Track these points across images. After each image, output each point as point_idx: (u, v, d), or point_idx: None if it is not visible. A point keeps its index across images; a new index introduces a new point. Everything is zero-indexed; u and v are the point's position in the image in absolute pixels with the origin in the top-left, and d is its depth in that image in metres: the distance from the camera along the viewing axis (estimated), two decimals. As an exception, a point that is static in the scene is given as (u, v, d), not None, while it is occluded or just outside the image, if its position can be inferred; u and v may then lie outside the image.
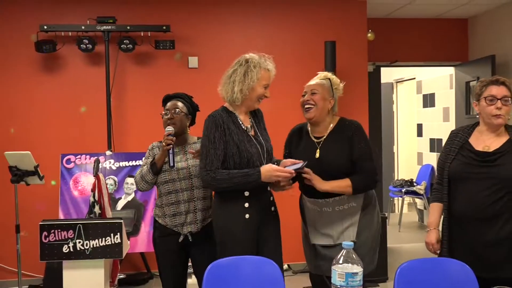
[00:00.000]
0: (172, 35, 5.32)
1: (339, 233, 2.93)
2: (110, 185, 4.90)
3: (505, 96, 2.69)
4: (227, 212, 2.88)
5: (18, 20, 5.24)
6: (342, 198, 2.90)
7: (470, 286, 2.43)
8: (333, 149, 2.92)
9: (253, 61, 2.91)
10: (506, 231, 2.65)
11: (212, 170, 2.79)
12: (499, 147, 2.72)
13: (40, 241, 3.23)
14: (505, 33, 5.93)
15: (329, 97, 2.98)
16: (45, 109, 5.30)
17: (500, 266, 2.64)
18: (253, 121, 3.03)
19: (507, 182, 2.65)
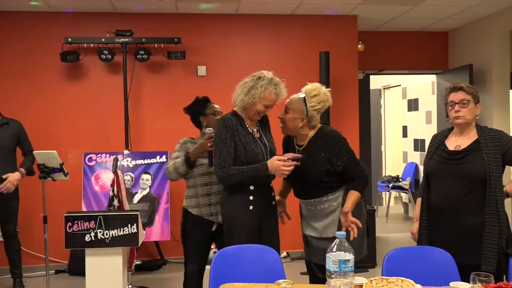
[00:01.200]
0: (183, 46, 5.32)
1: (323, 228, 2.95)
2: (127, 181, 4.90)
3: (462, 100, 2.73)
4: (234, 203, 2.90)
5: (45, 33, 5.25)
6: (320, 199, 2.91)
7: (450, 271, 2.43)
8: (310, 159, 2.88)
9: (263, 81, 2.87)
10: (474, 222, 2.65)
11: (226, 167, 2.82)
12: (467, 146, 2.73)
13: (65, 231, 3.23)
14: (481, 45, 5.92)
15: (300, 116, 2.88)
16: (69, 113, 5.30)
17: (470, 253, 2.64)
18: (259, 125, 3.04)
19: (472, 178, 2.66)
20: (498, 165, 2.63)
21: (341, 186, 2.93)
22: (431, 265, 2.48)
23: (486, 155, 2.65)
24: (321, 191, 2.91)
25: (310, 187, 2.94)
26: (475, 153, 2.69)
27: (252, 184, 2.86)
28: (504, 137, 2.69)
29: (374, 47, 6.34)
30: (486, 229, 2.61)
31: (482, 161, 2.64)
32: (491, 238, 2.60)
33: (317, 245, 2.97)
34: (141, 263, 5.22)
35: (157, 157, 5.02)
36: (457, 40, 6.44)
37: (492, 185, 2.61)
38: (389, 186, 7.53)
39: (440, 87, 6.51)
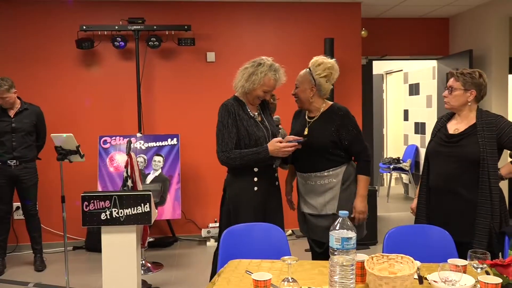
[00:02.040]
0: (192, 33, 5.29)
1: (322, 205, 2.92)
2: (140, 163, 4.92)
3: (450, 86, 2.75)
4: (239, 185, 2.91)
5: (61, 21, 5.24)
6: (322, 174, 2.90)
7: (448, 248, 2.43)
8: (319, 129, 2.91)
9: (262, 66, 2.86)
10: (469, 202, 2.65)
11: (227, 151, 2.81)
12: (464, 130, 2.72)
13: (82, 210, 3.26)
14: (481, 31, 5.83)
15: (309, 87, 2.91)
16: (85, 98, 5.31)
17: (464, 232, 2.63)
18: (260, 109, 3.03)
19: (465, 161, 2.66)
20: (493, 149, 2.61)
21: (343, 163, 2.92)
22: (430, 243, 2.49)
23: (481, 138, 2.63)
24: (324, 164, 2.89)
25: (315, 158, 2.91)
26: (471, 136, 2.67)
27: (256, 166, 2.86)
28: (500, 121, 2.66)
29: (377, 34, 6.27)
30: (479, 210, 2.61)
31: (477, 145, 2.63)
32: (483, 219, 2.60)
33: (315, 223, 2.95)
34: (153, 240, 5.26)
35: (168, 140, 5.03)
36: (457, 26, 6.35)
37: (485, 168, 2.60)
38: (390, 168, 7.51)
39: (440, 72, 6.44)
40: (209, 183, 5.40)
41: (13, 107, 4.46)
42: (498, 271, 1.82)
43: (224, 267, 2.23)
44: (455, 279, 1.75)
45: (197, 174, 5.43)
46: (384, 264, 1.94)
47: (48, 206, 5.18)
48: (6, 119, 4.43)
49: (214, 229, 5.27)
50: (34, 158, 4.60)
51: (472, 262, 1.87)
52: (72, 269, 4.44)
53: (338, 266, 1.78)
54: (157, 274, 4.45)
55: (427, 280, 1.92)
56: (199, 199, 5.47)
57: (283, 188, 3.22)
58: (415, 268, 1.86)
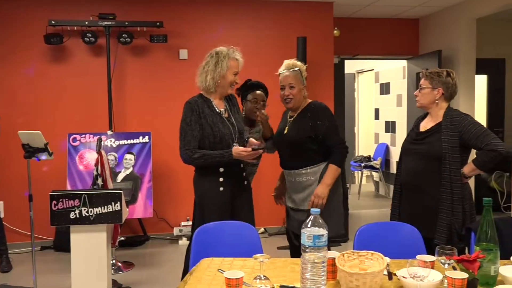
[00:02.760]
0: (165, 30, 5.24)
1: (301, 200, 3.03)
2: (111, 161, 4.85)
3: (420, 85, 2.85)
4: (205, 185, 2.91)
5: (29, 16, 5.11)
6: (300, 171, 2.99)
7: (417, 245, 2.47)
8: (297, 127, 3.01)
9: (222, 53, 2.92)
10: (433, 197, 2.72)
11: (190, 150, 2.82)
12: (429, 128, 2.80)
13: (50, 209, 3.20)
14: (450, 32, 5.97)
15: (302, 86, 3.03)
16: (54, 94, 5.20)
17: (428, 228, 2.70)
18: (227, 105, 3.01)
19: (428, 157, 2.74)
20: (455, 146, 2.68)
21: (322, 161, 2.99)
22: (399, 239, 2.53)
23: (444, 136, 2.70)
24: (303, 162, 2.98)
25: (294, 156, 3.01)
26: (435, 134, 2.75)
27: (222, 167, 2.86)
28: (464, 120, 2.73)
29: (349, 33, 6.34)
30: (440, 206, 2.70)
31: (440, 142, 2.70)
32: (443, 215, 2.68)
33: (293, 216, 3.09)
34: (124, 239, 5.20)
35: (140, 138, 4.97)
36: (427, 27, 6.48)
37: (447, 165, 2.67)
38: (361, 166, 7.62)
39: (410, 72, 6.56)
40: (181, 181, 5.36)
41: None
42: (464, 266, 1.86)
43: (196, 265, 2.22)
44: (424, 275, 1.79)
45: (169, 172, 5.38)
46: (355, 260, 1.97)
47: (15, 205, 5.06)
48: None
49: (186, 227, 5.24)
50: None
51: (439, 258, 1.92)
52: (40, 270, 4.35)
53: (310, 263, 1.79)
54: (128, 274, 4.40)
55: (396, 276, 1.95)
56: (171, 198, 5.43)
57: (259, 185, 3.27)
58: (385, 264, 1.89)
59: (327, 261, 1.87)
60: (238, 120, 3.01)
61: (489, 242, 1.90)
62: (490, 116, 7.03)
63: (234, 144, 2.88)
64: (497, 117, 6.93)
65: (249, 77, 3.64)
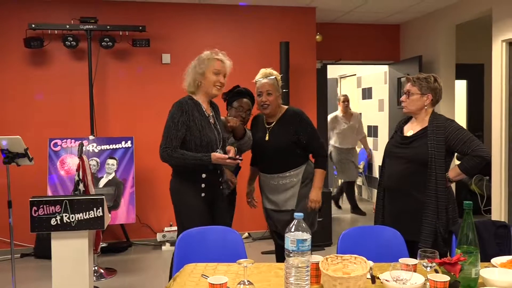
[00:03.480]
0: (147, 34, 5.21)
1: (283, 201, 3.17)
2: (93, 166, 4.80)
3: (407, 91, 2.85)
4: (186, 191, 2.89)
5: (8, 19, 5.03)
6: (284, 174, 3.14)
7: (400, 248, 2.50)
8: (279, 133, 3.14)
9: (204, 55, 2.96)
10: (417, 202, 2.74)
11: (170, 148, 2.79)
12: (416, 132, 2.82)
13: (30, 215, 3.15)
14: (430, 37, 6.06)
15: (278, 94, 3.16)
16: (34, 99, 5.13)
17: (413, 231, 2.72)
18: (213, 113, 3.02)
19: (414, 161, 2.75)
20: (441, 151, 2.71)
21: (303, 163, 3.17)
22: (382, 243, 2.55)
23: (431, 141, 2.73)
24: (286, 165, 3.14)
25: (278, 161, 3.14)
26: (421, 139, 2.77)
27: (204, 172, 2.85)
28: (449, 125, 2.76)
29: (331, 38, 6.39)
30: (425, 210, 2.71)
31: (426, 147, 2.72)
32: (428, 219, 2.70)
33: (278, 217, 3.20)
34: (107, 246, 5.14)
35: (122, 143, 4.93)
36: (408, 33, 6.56)
37: (433, 169, 2.70)
38: (344, 170, 7.64)
39: (392, 77, 6.64)
40: (164, 187, 5.26)
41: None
42: (446, 269, 1.88)
43: (179, 271, 2.20)
44: (406, 278, 1.80)
45: (152, 177, 5.34)
46: (338, 264, 1.98)
47: (-6, 211, 4.96)
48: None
49: (170, 233, 5.21)
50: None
51: (422, 261, 1.94)
52: (20, 278, 4.27)
53: (294, 267, 1.79)
54: (111, 280, 4.35)
55: (380, 279, 1.97)
56: (154, 203, 5.39)
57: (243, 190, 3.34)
58: (368, 268, 1.90)
59: (311, 266, 1.87)
60: (221, 128, 3.03)
61: (469, 245, 1.92)
62: (469, 121, 7.14)
63: (217, 150, 2.88)
64: (477, 121, 7.04)
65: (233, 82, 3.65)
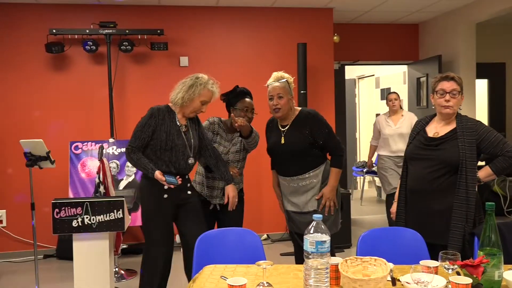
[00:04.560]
0: (165, 37, 5.26)
1: (304, 203, 3.13)
2: (113, 168, 4.85)
3: (453, 90, 2.71)
4: (150, 191, 3.05)
5: (30, 25, 5.13)
6: (303, 176, 3.10)
7: (421, 250, 2.47)
8: (294, 135, 3.11)
9: (201, 80, 3.05)
10: (446, 204, 2.68)
11: (133, 147, 3.02)
12: (444, 134, 2.75)
13: (52, 217, 3.20)
14: (449, 37, 5.98)
15: (290, 97, 3.13)
16: (55, 103, 5.21)
17: (439, 234, 2.67)
18: (189, 123, 3.15)
19: (445, 163, 2.68)
20: (473, 153, 2.65)
21: (321, 163, 3.14)
22: (403, 245, 2.52)
23: (461, 143, 2.66)
24: (305, 167, 3.10)
25: (296, 163, 3.11)
26: (451, 141, 2.71)
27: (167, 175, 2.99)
28: (480, 127, 2.71)
29: (349, 39, 6.36)
30: (454, 213, 2.64)
31: (457, 149, 2.66)
32: (457, 222, 2.63)
33: (299, 219, 3.16)
34: (127, 247, 5.19)
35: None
36: (427, 32, 6.49)
37: (463, 172, 2.63)
38: (363, 171, 7.59)
39: (411, 77, 6.57)
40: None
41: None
42: (468, 271, 1.85)
43: (199, 272, 2.21)
44: (427, 280, 1.78)
45: (171, 179, 5.37)
46: (358, 266, 1.96)
47: (17, 213, 5.05)
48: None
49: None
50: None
51: (443, 263, 1.91)
52: (43, 278, 4.34)
53: (313, 269, 1.78)
54: (131, 282, 4.38)
55: (400, 281, 1.94)
56: (173, 205, 5.41)
57: (262, 193, 3.28)
58: (388, 270, 1.88)
59: (330, 267, 1.86)
60: (195, 138, 3.14)
61: (492, 247, 1.89)
62: (491, 120, 7.03)
63: (190, 158, 3.06)
64: (498, 121, 6.93)
65: (251, 84, 3.65)
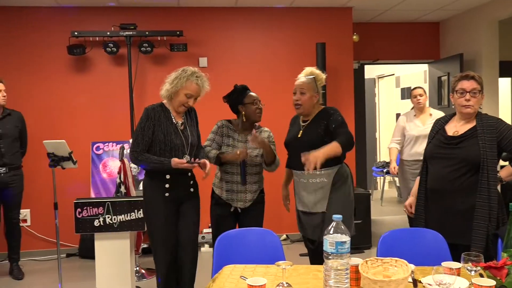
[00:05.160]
0: (184, 39, 5.29)
1: (313, 203, 3.02)
2: (133, 168, 4.90)
3: (474, 89, 2.68)
4: (152, 189, 3.03)
5: (52, 27, 5.21)
6: (314, 172, 2.89)
7: (442, 251, 2.43)
8: (312, 131, 3.05)
9: (186, 72, 3.02)
10: (466, 204, 2.64)
11: (137, 151, 2.96)
12: (464, 132, 2.71)
13: (74, 217, 3.25)
14: (471, 35, 5.88)
15: (314, 93, 3.08)
16: (77, 104, 5.29)
17: (461, 234, 2.63)
18: (186, 119, 3.12)
19: (465, 162, 2.64)
20: (493, 152, 2.61)
21: (335, 164, 3.01)
22: (424, 246, 2.49)
23: (482, 141, 2.62)
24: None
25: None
26: (471, 139, 2.66)
27: (168, 173, 2.97)
28: (500, 124, 2.66)
29: (368, 38, 6.31)
30: (477, 212, 2.60)
31: (477, 147, 2.62)
32: (480, 221, 2.58)
33: (307, 221, 3.07)
34: (147, 246, 5.23)
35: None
36: (448, 30, 6.40)
37: (485, 171, 2.59)
38: (383, 171, 7.53)
39: (431, 76, 6.48)
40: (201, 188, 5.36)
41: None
42: (491, 273, 1.82)
43: (218, 272, 2.22)
44: (449, 282, 1.75)
45: (190, 179, 5.41)
46: (378, 267, 1.94)
47: (41, 213, 5.14)
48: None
49: (208, 234, 5.25)
50: (21, 165, 4.57)
51: (466, 264, 1.88)
52: (66, 277, 4.40)
53: (333, 270, 1.78)
54: (151, 281, 4.42)
55: (422, 283, 1.92)
56: (192, 205, 5.44)
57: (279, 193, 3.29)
58: (409, 271, 1.86)
59: (350, 268, 1.85)
60: (193, 134, 3.11)
61: (516, 248, 1.85)
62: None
63: (185, 155, 3.01)
64: (522, 120, 6.80)
65: (268, 84, 3.65)
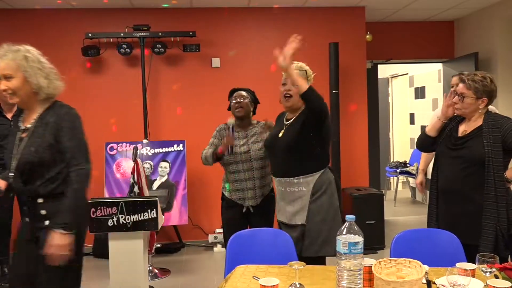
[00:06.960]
0: (197, 39, 5.31)
1: (291, 214, 2.81)
2: (147, 169, 4.94)
3: (461, 94, 2.71)
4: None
5: (67, 29, 5.28)
6: (292, 180, 2.77)
7: (456, 252, 2.41)
8: (294, 128, 2.81)
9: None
10: (475, 204, 2.62)
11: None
12: (470, 132, 2.71)
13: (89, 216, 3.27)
14: (486, 33, 5.82)
15: None
16: (91, 105, 5.33)
17: (471, 234, 2.60)
18: (38, 122, 2.51)
19: (471, 162, 2.63)
20: (498, 150, 2.59)
21: (316, 171, 2.78)
22: (438, 247, 2.47)
23: (486, 140, 2.61)
24: (296, 170, 2.77)
25: (288, 162, 2.80)
26: (476, 138, 2.66)
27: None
28: (505, 123, 2.63)
29: (381, 37, 6.27)
30: (485, 212, 2.58)
31: (482, 146, 2.61)
32: (488, 221, 2.57)
33: (288, 233, 2.71)
34: (160, 246, 5.26)
35: (174, 146, 5.04)
36: (462, 29, 6.33)
37: (490, 169, 2.58)
38: (397, 171, 7.48)
39: (446, 75, 6.42)
40: (215, 189, 5.38)
41: (11, 109, 4.08)
42: (507, 275, 1.80)
43: (231, 272, 2.23)
44: (464, 283, 1.74)
45: (203, 179, 5.43)
46: (392, 268, 1.93)
47: (56, 213, 5.19)
48: (5, 122, 4.02)
49: (221, 234, 5.27)
50: None
51: (480, 266, 1.86)
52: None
53: (346, 270, 1.77)
54: (164, 280, 4.45)
55: (436, 284, 1.91)
56: (205, 205, 5.47)
57: None
58: (423, 272, 1.85)
59: (363, 269, 1.84)
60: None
61: (533, 249, 1.83)
62: (531, 119, 6.80)
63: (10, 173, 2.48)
64: (539, 119, 6.70)
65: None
